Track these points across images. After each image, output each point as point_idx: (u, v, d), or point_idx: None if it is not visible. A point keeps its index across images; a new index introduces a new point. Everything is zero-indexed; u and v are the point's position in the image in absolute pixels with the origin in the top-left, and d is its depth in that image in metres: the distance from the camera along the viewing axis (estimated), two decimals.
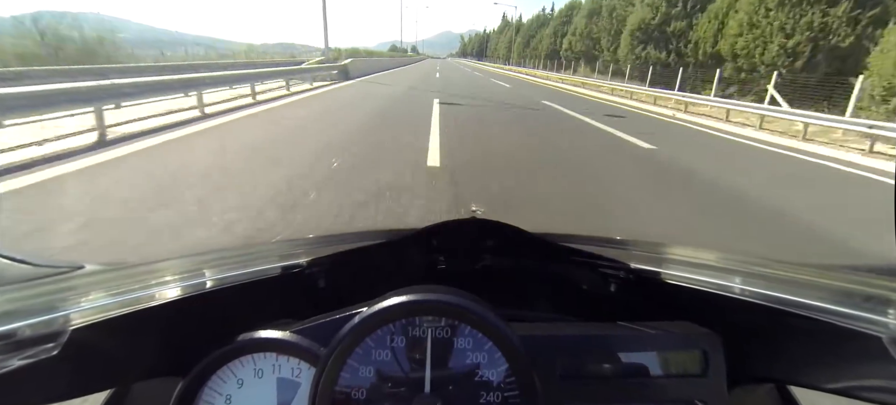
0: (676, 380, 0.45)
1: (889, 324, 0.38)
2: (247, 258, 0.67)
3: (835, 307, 0.41)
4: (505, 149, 5.77)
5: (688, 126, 9.51)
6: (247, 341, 0.46)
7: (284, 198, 3.27)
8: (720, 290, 0.49)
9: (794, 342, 0.43)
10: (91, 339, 0.38)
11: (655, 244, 0.90)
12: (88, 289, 0.53)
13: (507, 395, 0.43)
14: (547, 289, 0.65)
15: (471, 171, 4.47)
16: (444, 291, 0.44)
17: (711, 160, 5.94)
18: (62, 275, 0.57)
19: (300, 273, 0.54)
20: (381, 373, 0.43)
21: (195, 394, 0.45)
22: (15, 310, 0.43)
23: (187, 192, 3.41)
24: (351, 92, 12.65)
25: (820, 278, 0.60)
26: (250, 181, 3.75)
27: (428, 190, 3.64)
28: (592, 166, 5.16)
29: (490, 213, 0.61)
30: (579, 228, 2.52)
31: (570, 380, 0.45)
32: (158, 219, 2.82)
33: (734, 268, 0.66)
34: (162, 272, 0.59)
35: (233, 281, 0.50)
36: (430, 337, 0.43)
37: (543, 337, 0.46)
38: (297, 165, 4.20)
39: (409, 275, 0.50)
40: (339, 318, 0.45)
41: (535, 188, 4.04)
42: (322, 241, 0.72)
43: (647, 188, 4.29)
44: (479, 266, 0.64)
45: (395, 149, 5.26)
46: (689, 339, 0.47)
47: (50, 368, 0.35)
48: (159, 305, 0.43)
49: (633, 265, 0.56)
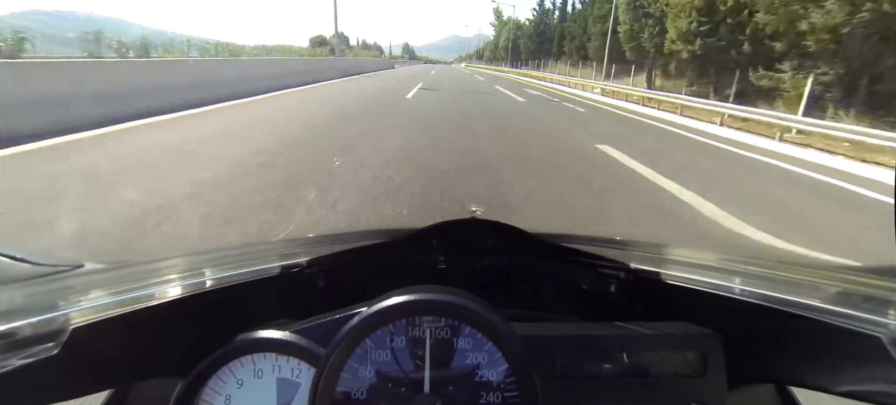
0: (676, 380, 0.45)
1: (889, 324, 0.38)
2: (247, 258, 0.67)
3: (835, 307, 0.41)
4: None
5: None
6: (247, 341, 0.46)
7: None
8: (720, 291, 0.49)
9: (793, 342, 0.43)
10: (91, 339, 0.38)
11: (655, 245, 0.90)
12: (88, 289, 0.53)
13: (507, 395, 0.43)
14: (546, 288, 0.65)
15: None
16: (444, 291, 0.44)
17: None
18: (62, 275, 0.57)
19: (300, 273, 0.54)
20: (381, 373, 0.43)
21: (195, 394, 0.45)
22: (15, 310, 0.43)
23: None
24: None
25: (820, 278, 0.60)
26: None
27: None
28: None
29: (490, 213, 0.61)
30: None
31: (570, 380, 0.45)
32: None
33: (734, 269, 0.66)
34: (162, 271, 0.60)
35: (233, 281, 0.50)
36: (430, 337, 0.43)
37: (543, 337, 0.46)
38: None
39: (408, 275, 0.50)
40: (339, 318, 0.45)
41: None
42: (322, 241, 0.72)
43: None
44: (479, 266, 0.64)
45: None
46: (689, 339, 0.47)
47: (50, 368, 0.35)
48: (159, 305, 0.43)
49: (632, 265, 0.56)
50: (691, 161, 5.98)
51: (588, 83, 20.65)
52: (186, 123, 6.25)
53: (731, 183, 4.88)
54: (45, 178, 3.46)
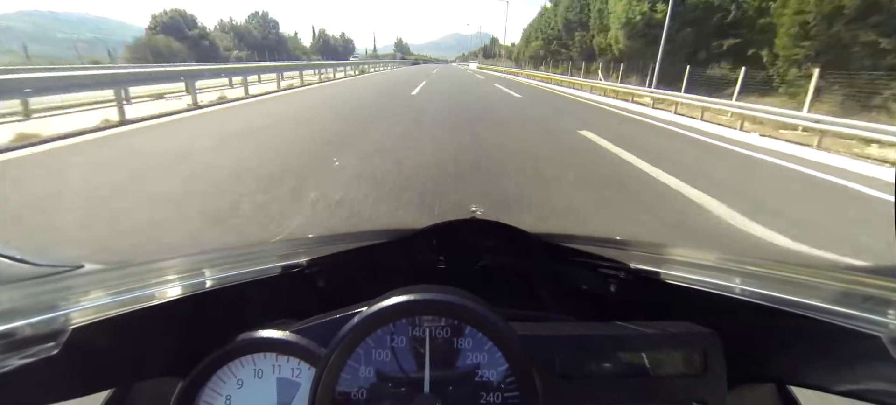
0: (676, 380, 0.45)
1: (889, 324, 0.38)
2: (247, 258, 0.67)
3: (835, 307, 0.41)
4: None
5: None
6: (247, 341, 0.46)
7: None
8: (720, 290, 0.49)
9: (793, 342, 0.43)
10: (91, 339, 0.38)
11: (655, 244, 0.90)
12: (88, 289, 0.53)
13: (507, 395, 0.43)
14: (547, 288, 0.65)
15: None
16: (444, 291, 0.44)
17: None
18: (62, 275, 0.57)
19: (300, 273, 0.54)
20: (382, 373, 0.43)
21: (195, 394, 0.45)
22: (15, 310, 0.43)
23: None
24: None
25: (820, 278, 0.60)
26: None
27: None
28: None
29: (490, 213, 0.61)
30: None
31: (570, 380, 0.45)
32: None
33: (734, 269, 0.66)
34: (162, 272, 0.59)
35: (233, 281, 0.50)
36: (430, 337, 0.43)
37: (543, 337, 0.46)
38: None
39: (408, 275, 0.50)
40: (339, 318, 0.45)
41: None
42: (322, 241, 0.72)
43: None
44: (479, 266, 0.64)
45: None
46: (689, 339, 0.47)
47: (50, 368, 0.35)
48: (159, 305, 0.43)
49: (632, 265, 0.55)
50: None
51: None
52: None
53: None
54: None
